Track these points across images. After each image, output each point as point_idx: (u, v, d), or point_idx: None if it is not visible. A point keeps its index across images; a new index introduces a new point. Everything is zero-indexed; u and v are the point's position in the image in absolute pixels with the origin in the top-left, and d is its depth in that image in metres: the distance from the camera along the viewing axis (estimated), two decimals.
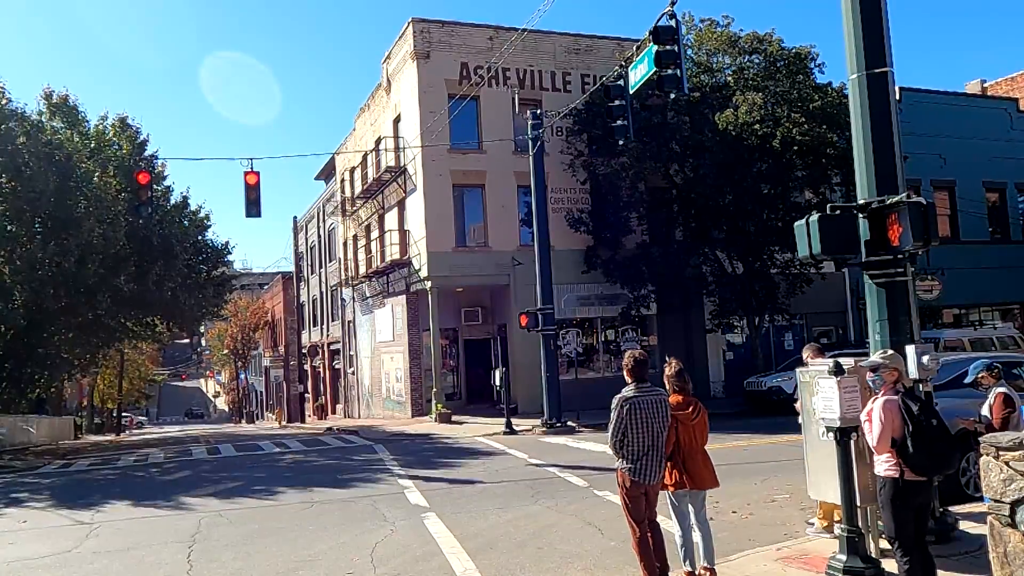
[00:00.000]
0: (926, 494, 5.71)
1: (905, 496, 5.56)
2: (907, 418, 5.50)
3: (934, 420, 5.52)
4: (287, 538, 9.34)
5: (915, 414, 5.47)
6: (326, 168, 43.18)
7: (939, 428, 5.52)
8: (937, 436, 5.45)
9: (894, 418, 5.56)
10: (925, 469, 5.47)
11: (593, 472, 12.55)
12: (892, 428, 5.56)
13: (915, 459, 5.43)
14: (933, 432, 5.45)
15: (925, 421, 5.45)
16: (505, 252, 25.17)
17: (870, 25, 7.41)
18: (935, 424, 5.50)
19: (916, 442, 5.42)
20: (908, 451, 5.46)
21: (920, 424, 5.43)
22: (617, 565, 7.47)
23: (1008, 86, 34.41)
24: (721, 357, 28.25)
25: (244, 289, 64.53)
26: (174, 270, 26.26)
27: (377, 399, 31.41)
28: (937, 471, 5.57)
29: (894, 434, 5.56)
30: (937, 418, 5.60)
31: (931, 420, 5.50)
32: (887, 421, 5.58)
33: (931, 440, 5.41)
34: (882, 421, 5.60)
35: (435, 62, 25.24)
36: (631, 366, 6.45)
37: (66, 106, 25.96)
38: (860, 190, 7.51)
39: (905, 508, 5.58)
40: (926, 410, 5.57)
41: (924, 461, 5.43)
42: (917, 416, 5.45)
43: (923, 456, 5.41)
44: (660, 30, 12.45)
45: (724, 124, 22.36)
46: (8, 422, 24.83)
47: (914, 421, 5.45)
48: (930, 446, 5.40)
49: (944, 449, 5.48)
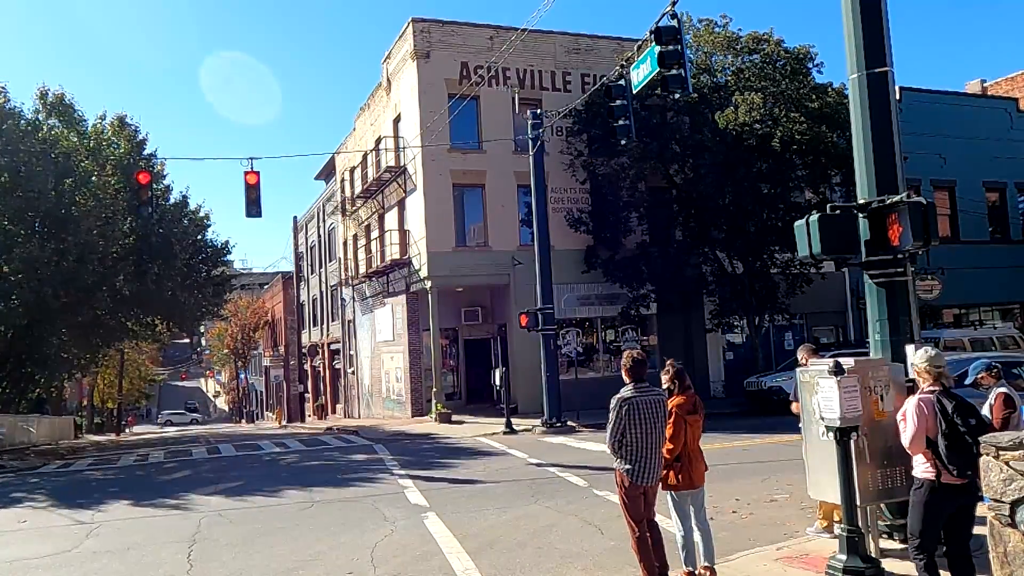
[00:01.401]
0: (966, 497, 5.40)
1: (940, 499, 5.38)
2: (941, 418, 5.30)
3: (972, 419, 5.26)
4: (287, 538, 9.34)
5: (949, 413, 5.26)
6: (326, 168, 43.17)
7: (978, 428, 5.25)
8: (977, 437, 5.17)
9: (928, 418, 5.37)
10: (961, 470, 5.23)
11: (593, 472, 12.55)
12: (926, 428, 5.37)
13: (949, 460, 5.24)
14: (972, 431, 5.20)
15: (961, 421, 5.23)
16: (505, 252, 25.17)
17: (870, 25, 7.41)
18: (973, 424, 5.23)
19: (950, 442, 5.23)
20: (941, 452, 5.28)
21: (955, 424, 5.23)
22: (617, 565, 7.47)
23: (1008, 86, 34.40)
24: (721, 357, 28.25)
25: (244, 289, 64.52)
26: (174, 270, 26.24)
27: (377, 399, 31.41)
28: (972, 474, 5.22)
29: (928, 434, 5.38)
30: (976, 417, 5.34)
31: (968, 419, 5.24)
32: (920, 421, 5.41)
33: (966, 440, 5.18)
34: (915, 422, 5.43)
35: (435, 62, 25.24)
36: (629, 366, 6.45)
37: (62, 104, 25.86)
38: (860, 190, 7.51)
39: (937, 511, 5.40)
40: (962, 409, 5.30)
41: (959, 461, 5.21)
42: (951, 415, 5.25)
43: (957, 457, 5.21)
44: (662, 30, 12.42)
45: (724, 124, 22.36)
46: (8, 422, 24.82)
47: (948, 421, 5.25)
48: (966, 447, 5.17)
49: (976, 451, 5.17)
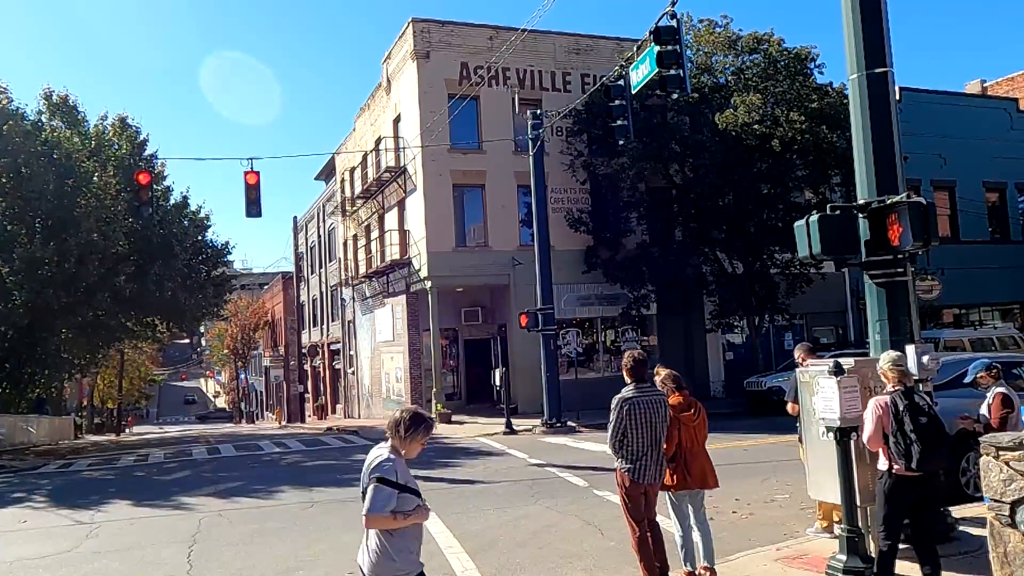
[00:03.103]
0: (922, 488, 5.79)
1: (897, 489, 5.78)
2: (893, 416, 5.70)
3: (922, 418, 5.61)
4: (287, 538, 9.34)
5: (900, 412, 5.65)
6: (326, 168, 43.17)
7: (928, 426, 5.59)
8: (924, 434, 5.55)
9: (882, 416, 5.77)
10: (907, 463, 5.61)
11: (593, 472, 12.54)
12: (882, 425, 5.77)
13: (897, 453, 5.66)
14: (920, 430, 5.56)
15: (911, 419, 5.59)
16: (505, 252, 25.16)
17: (870, 25, 7.41)
18: (924, 422, 5.60)
19: (897, 439, 5.64)
20: (891, 446, 5.73)
21: (902, 422, 5.61)
22: (617, 565, 7.47)
23: (1008, 86, 34.41)
24: (721, 357, 28.24)
25: (244, 289, 64.53)
26: (174, 270, 26.24)
27: (377, 399, 31.40)
28: (922, 468, 5.61)
29: (885, 430, 5.77)
30: (928, 416, 5.66)
31: (919, 418, 5.60)
32: (876, 419, 5.81)
33: (914, 437, 5.56)
34: (872, 420, 5.84)
35: (435, 62, 25.24)
36: (630, 366, 6.45)
37: (66, 106, 25.96)
38: (860, 190, 7.51)
39: (895, 500, 5.81)
40: (914, 409, 5.66)
41: (905, 455, 5.60)
42: (901, 414, 5.63)
43: (904, 451, 5.60)
44: (661, 30, 12.43)
45: (724, 124, 22.35)
46: (8, 422, 24.82)
47: (898, 419, 5.64)
48: (910, 443, 5.57)
49: (928, 447, 5.54)
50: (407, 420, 4.19)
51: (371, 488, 4.03)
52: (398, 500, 4.04)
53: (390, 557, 4.06)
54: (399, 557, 4.08)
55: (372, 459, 4.17)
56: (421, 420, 4.24)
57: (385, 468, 4.07)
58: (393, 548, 4.07)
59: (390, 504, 4.01)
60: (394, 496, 4.03)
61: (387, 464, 4.09)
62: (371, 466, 4.12)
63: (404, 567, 4.10)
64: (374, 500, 4.00)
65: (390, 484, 4.03)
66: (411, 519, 4.08)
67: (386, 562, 4.06)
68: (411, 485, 4.14)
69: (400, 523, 4.05)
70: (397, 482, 4.05)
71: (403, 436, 4.17)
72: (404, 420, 4.19)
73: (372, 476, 4.06)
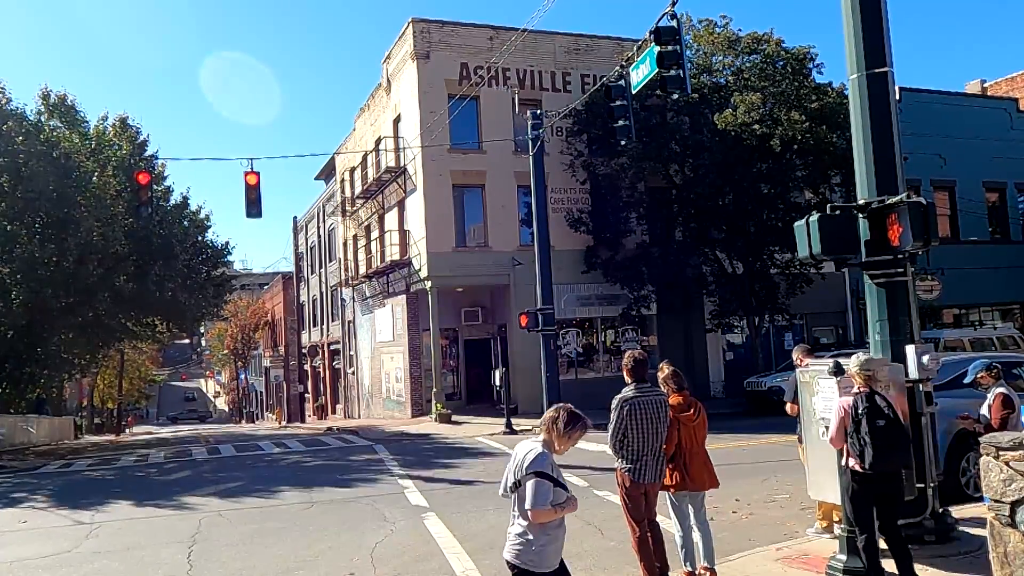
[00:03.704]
0: (883, 486, 5.91)
1: (858, 485, 5.95)
2: (852, 417, 5.89)
3: (880, 421, 5.79)
4: (287, 538, 9.34)
5: (859, 413, 5.83)
6: (326, 168, 43.17)
7: (883, 429, 5.78)
8: (878, 436, 5.74)
9: (844, 417, 5.97)
10: (862, 462, 5.80)
11: (593, 472, 12.53)
12: (844, 425, 5.98)
13: (852, 451, 5.88)
14: (874, 432, 5.75)
15: (868, 421, 5.78)
16: (505, 252, 25.16)
17: (870, 25, 7.40)
18: (881, 425, 5.79)
19: (853, 439, 5.86)
20: (848, 444, 5.94)
21: (859, 423, 5.81)
22: (617, 565, 7.47)
23: (1008, 86, 34.42)
24: (721, 357, 28.24)
25: (244, 289, 64.59)
26: (174, 270, 26.25)
27: (377, 399, 31.40)
28: (873, 469, 5.76)
29: (847, 429, 5.98)
30: (886, 419, 5.83)
31: (876, 421, 5.79)
32: (839, 419, 6.01)
33: (868, 440, 5.75)
34: (836, 419, 6.05)
35: (435, 62, 25.24)
36: (631, 366, 6.46)
37: (64, 106, 25.89)
38: (860, 190, 7.50)
39: (858, 495, 5.98)
40: (873, 411, 5.82)
41: (859, 454, 5.80)
42: (860, 416, 5.82)
43: (859, 450, 5.81)
44: (661, 31, 12.41)
45: (723, 124, 22.35)
46: (8, 422, 24.82)
47: (855, 421, 5.84)
48: (866, 445, 5.76)
49: (880, 449, 5.72)
50: (566, 416, 4.34)
51: (531, 483, 4.16)
52: (553, 493, 4.18)
53: (541, 547, 4.25)
54: (549, 547, 4.27)
55: (524, 454, 4.31)
56: (579, 418, 4.39)
57: (542, 463, 4.21)
58: (543, 540, 4.25)
59: (550, 497, 4.16)
60: (551, 490, 4.17)
61: (542, 459, 4.23)
62: (526, 462, 4.25)
63: (548, 559, 4.29)
64: (536, 495, 4.15)
65: (547, 478, 4.17)
66: (566, 510, 4.25)
67: (531, 553, 4.25)
68: (561, 479, 4.28)
69: (558, 514, 4.22)
70: (552, 476, 4.19)
71: (561, 431, 4.32)
72: (563, 416, 4.34)
73: (529, 471, 4.19)
